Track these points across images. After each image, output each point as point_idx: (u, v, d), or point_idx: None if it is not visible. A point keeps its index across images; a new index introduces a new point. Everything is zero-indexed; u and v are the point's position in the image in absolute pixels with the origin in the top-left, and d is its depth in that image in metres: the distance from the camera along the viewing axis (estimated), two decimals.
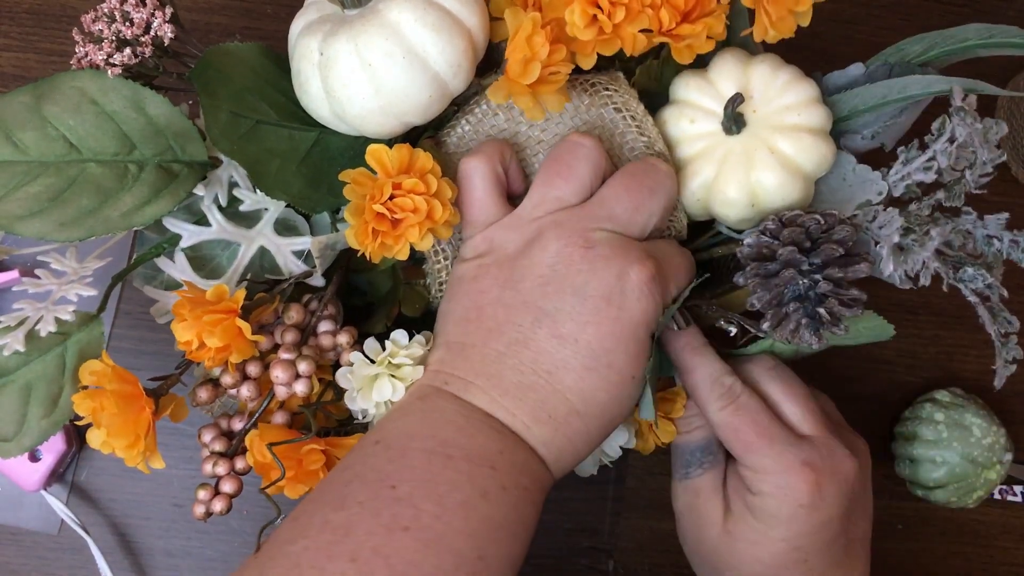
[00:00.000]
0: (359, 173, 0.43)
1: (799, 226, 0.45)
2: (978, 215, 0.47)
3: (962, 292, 0.47)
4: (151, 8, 0.47)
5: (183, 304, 0.42)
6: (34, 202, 0.44)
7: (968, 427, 0.63)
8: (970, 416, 0.64)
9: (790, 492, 0.46)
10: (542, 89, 0.44)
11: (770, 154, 0.46)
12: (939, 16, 0.73)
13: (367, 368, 0.45)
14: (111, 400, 0.42)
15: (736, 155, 0.47)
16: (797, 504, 0.46)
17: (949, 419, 0.64)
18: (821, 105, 0.48)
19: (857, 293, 0.45)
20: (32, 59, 0.67)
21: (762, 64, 0.48)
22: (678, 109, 0.49)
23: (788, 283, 0.45)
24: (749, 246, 0.46)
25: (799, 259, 0.45)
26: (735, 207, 0.47)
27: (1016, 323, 0.47)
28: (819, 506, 0.46)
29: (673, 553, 0.67)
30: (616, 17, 0.43)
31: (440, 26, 0.43)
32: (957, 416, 0.64)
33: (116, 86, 0.47)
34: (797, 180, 0.47)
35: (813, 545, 0.47)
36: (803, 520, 0.46)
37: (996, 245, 0.47)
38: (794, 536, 0.47)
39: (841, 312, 0.45)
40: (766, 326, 0.46)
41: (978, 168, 0.46)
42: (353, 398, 0.45)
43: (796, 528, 0.47)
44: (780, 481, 0.46)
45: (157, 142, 0.47)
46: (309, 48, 0.44)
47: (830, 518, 0.47)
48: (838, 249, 0.44)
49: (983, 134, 0.45)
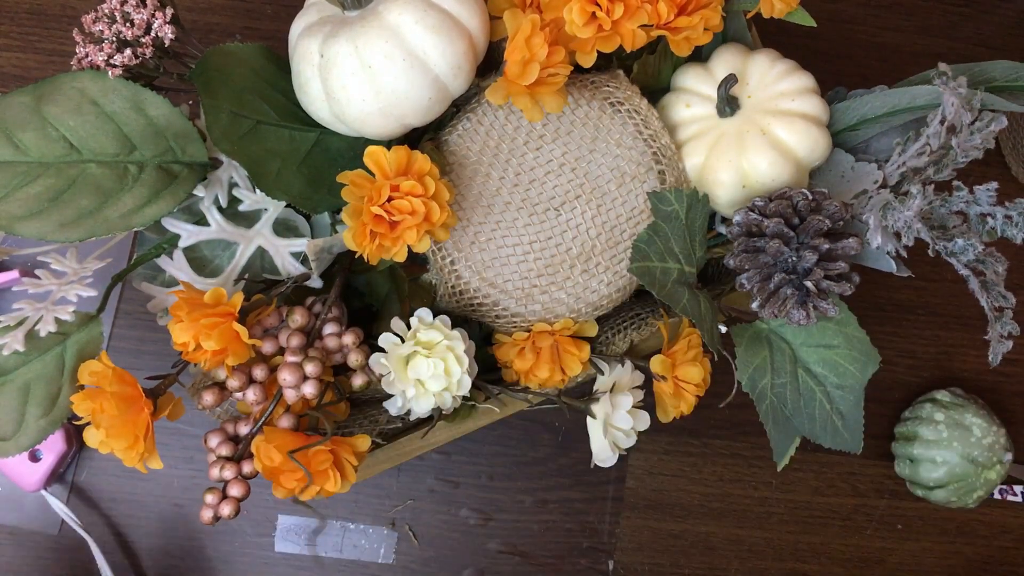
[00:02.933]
0: (357, 175, 0.43)
1: (786, 199, 0.45)
2: (969, 189, 0.46)
3: (954, 266, 0.46)
4: (151, 9, 0.47)
5: (180, 306, 0.42)
6: (34, 202, 0.44)
7: (968, 427, 0.63)
8: (970, 416, 0.64)
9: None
10: (541, 90, 0.44)
11: (762, 135, 0.47)
12: (939, 16, 0.73)
13: (400, 348, 0.46)
14: (110, 401, 0.42)
15: (729, 137, 0.48)
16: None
17: (949, 419, 0.64)
18: (817, 96, 0.49)
19: (844, 266, 0.45)
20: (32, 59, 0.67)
21: (760, 55, 0.50)
22: (676, 96, 0.51)
23: (775, 257, 0.45)
24: (738, 224, 0.47)
25: (786, 232, 0.45)
26: (726, 188, 0.48)
27: (1012, 298, 0.47)
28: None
29: (673, 553, 0.67)
30: (615, 13, 0.43)
31: (440, 28, 0.43)
32: (957, 416, 0.64)
33: (116, 87, 0.47)
34: (788, 163, 0.47)
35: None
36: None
37: (990, 223, 0.47)
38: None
39: (828, 286, 0.45)
40: (755, 304, 0.46)
41: (963, 133, 0.45)
42: (391, 382, 0.46)
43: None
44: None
45: (157, 143, 0.47)
46: (309, 50, 0.44)
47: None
48: (825, 221, 0.45)
49: (967, 100, 0.45)
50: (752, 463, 0.69)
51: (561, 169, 0.49)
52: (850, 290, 0.45)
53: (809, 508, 0.69)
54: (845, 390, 0.49)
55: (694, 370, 0.51)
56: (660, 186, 0.50)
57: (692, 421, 0.66)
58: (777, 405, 0.50)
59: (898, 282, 0.67)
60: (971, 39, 0.72)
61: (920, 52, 0.72)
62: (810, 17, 0.48)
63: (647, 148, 0.49)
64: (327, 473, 0.45)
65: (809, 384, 0.50)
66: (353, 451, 0.46)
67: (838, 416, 0.49)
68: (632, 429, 0.52)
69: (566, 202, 0.49)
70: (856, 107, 0.50)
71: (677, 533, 0.67)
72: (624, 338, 0.54)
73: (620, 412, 0.51)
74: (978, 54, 0.63)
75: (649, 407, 0.52)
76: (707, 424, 0.68)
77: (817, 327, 0.48)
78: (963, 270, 0.46)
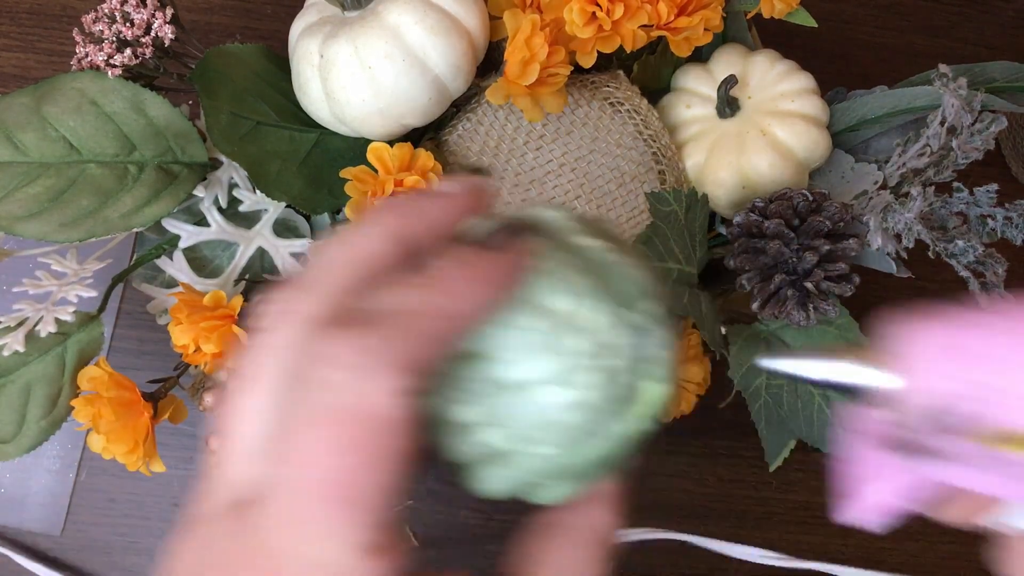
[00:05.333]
0: (361, 171, 0.43)
1: (786, 200, 0.45)
2: (969, 190, 0.46)
3: (954, 268, 0.46)
4: (151, 9, 0.47)
5: (180, 308, 0.42)
6: (34, 203, 0.44)
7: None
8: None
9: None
10: (541, 90, 0.44)
11: (762, 136, 0.47)
12: (940, 16, 0.73)
13: None
14: (108, 407, 0.42)
15: (729, 137, 0.48)
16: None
17: None
18: (817, 96, 0.49)
19: (844, 267, 0.45)
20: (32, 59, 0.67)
21: (760, 56, 0.50)
22: (676, 96, 0.51)
23: (776, 258, 0.45)
24: (738, 224, 0.47)
25: (787, 233, 0.45)
26: (726, 188, 0.48)
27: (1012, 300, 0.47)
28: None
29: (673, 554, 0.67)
30: (615, 14, 0.43)
31: (440, 28, 0.43)
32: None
33: (116, 87, 0.47)
34: (788, 164, 0.47)
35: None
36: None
37: (991, 224, 0.47)
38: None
39: (829, 287, 0.45)
40: (755, 306, 0.46)
41: (963, 135, 0.45)
42: None
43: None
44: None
45: (157, 143, 0.47)
46: (309, 50, 0.44)
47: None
48: (825, 222, 0.45)
49: (967, 101, 0.45)
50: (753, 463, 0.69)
51: (561, 169, 0.49)
52: (850, 291, 0.45)
53: (809, 508, 0.69)
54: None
55: (695, 369, 0.51)
56: (660, 186, 0.50)
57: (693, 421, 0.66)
58: (772, 405, 0.50)
59: (898, 283, 0.67)
60: (971, 39, 0.72)
61: (920, 52, 0.72)
62: (811, 18, 0.48)
63: (647, 148, 0.49)
64: None
65: (807, 387, 0.50)
66: None
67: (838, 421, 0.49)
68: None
69: (566, 202, 0.49)
70: (856, 108, 0.50)
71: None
72: None
73: None
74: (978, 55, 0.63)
75: None
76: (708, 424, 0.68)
77: (817, 330, 0.48)
78: (963, 271, 0.46)
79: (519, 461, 0.24)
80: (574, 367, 0.23)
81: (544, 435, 0.23)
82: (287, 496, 0.21)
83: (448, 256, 0.23)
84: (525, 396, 0.23)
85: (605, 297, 0.24)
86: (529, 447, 0.24)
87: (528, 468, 0.24)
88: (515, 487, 0.25)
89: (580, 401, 0.23)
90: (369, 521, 0.21)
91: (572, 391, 0.23)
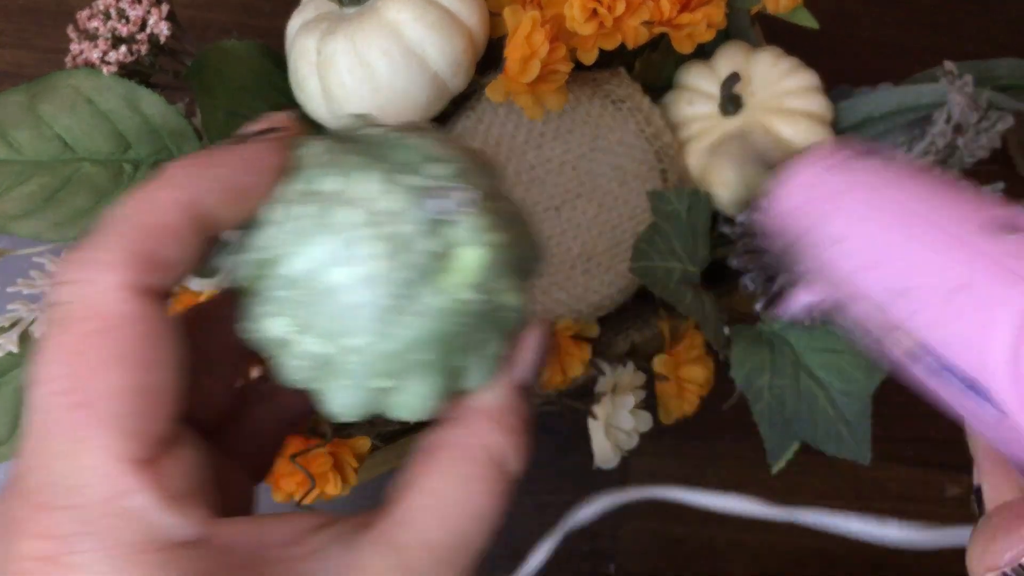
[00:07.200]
0: None
1: None
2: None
3: None
4: (147, 5, 0.46)
5: (176, 307, 0.42)
6: (28, 202, 0.44)
7: None
8: None
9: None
10: (542, 88, 0.43)
11: (765, 135, 0.47)
12: (945, 13, 0.72)
13: None
14: None
15: (732, 135, 0.48)
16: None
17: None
18: (821, 94, 0.48)
19: None
20: (27, 56, 0.67)
21: (764, 53, 0.49)
22: (678, 93, 0.50)
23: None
24: (741, 223, 0.46)
25: None
26: (730, 187, 0.48)
27: None
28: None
29: (674, 557, 0.66)
30: (617, 10, 0.43)
31: (439, 25, 0.42)
32: None
33: (111, 84, 0.46)
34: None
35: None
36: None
37: None
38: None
39: None
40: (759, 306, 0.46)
41: (970, 133, 0.45)
42: None
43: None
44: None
45: (152, 141, 0.46)
46: (306, 47, 0.44)
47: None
48: None
49: (973, 99, 0.44)
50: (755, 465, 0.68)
51: (562, 168, 0.49)
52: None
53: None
54: (851, 397, 0.49)
55: (697, 369, 0.51)
56: (662, 185, 0.49)
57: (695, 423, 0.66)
58: (775, 406, 0.50)
59: None
60: (977, 36, 0.72)
61: (926, 49, 0.71)
62: (813, 18, 0.47)
63: (649, 147, 0.49)
64: (327, 476, 0.45)
65: (812, 388, 0.49)
66: (353, 453, 0.45)
67: (843, 424, 0.49)
68: (634, 430, 0.51)
69: (567, 201, 0.49)
70: (861, 105, 0.49)
71: (680, 537, 0.66)
72: (625, 339, 0.53)
73: (622, 412, 0.50)
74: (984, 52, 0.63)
75: (651, 410, 0.52)
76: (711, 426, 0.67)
77: (821, 331, 0.48)
78: None
79: (342, 363, 0.22)
80: (350, 240, 0.21)
81: (348, 324, 0.22)
82: (36, 418, 0.20)
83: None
84: (315, 286, 0.22)
85: (377, 167, 0.22)
86: (341, 341, 0.22)
87: (355, 369, 0.22)
88: (363, 399, 0.23)
89: (369, 275, 0.21)
90: (128, 428, 0.20)
91: (356, 266, 0.21)
